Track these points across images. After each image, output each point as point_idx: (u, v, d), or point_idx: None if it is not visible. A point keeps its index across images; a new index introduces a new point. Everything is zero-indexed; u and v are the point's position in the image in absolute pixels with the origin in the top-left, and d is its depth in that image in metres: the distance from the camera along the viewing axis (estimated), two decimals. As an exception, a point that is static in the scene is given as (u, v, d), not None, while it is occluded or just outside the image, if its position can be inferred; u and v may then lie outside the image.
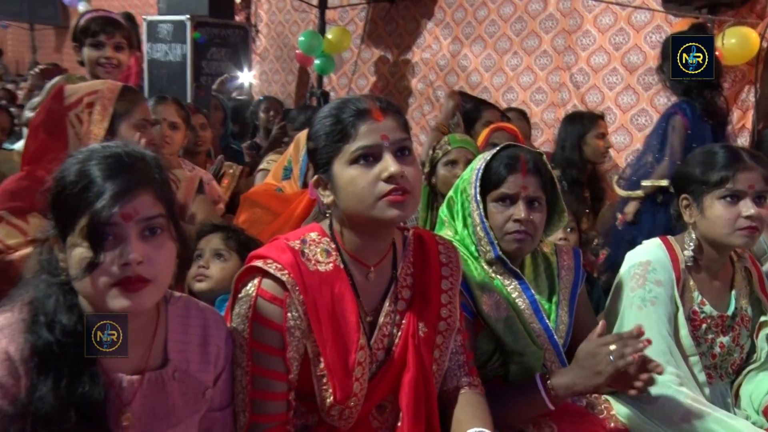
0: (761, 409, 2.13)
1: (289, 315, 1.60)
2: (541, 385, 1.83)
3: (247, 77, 7.00)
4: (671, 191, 2.38)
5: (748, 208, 2.09)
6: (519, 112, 5.11)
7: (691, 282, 2.22)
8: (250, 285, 1.63)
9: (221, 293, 2.28)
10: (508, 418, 1.85)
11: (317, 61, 6.96)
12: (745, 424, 1.98)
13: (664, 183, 3.62)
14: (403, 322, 1.74)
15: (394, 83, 7.02)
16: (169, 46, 6.27)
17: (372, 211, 1.58)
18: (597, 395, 2.07)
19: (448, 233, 2.11)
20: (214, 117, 5.00)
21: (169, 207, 1.42)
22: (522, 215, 1.96)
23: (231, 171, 4.14)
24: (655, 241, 2.28)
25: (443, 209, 2.19)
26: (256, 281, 1.62)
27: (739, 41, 4.45)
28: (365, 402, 1.69)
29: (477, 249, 2.05)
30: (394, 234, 1.78)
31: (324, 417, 1.68)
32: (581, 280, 2.15)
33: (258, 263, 1.63)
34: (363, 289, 1.71)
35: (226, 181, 4.06)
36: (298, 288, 1.60)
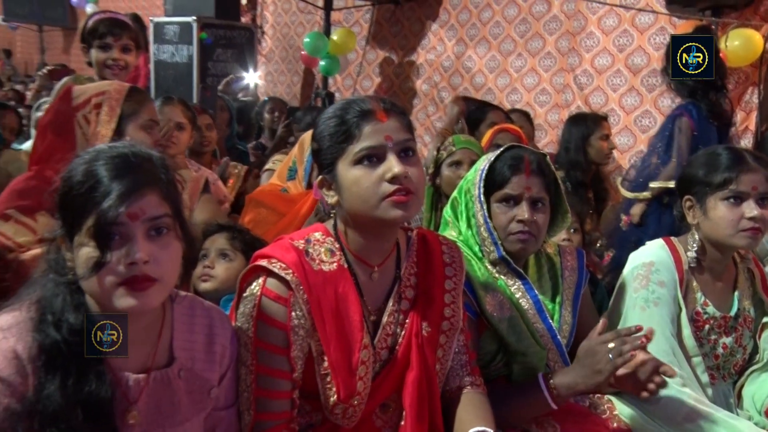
0: (764, 410, 2.13)
1: (294, 314, 1.61)
2: (544, 385, 1.83)
3: (253, 78, 7.01)
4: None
5: (751, 209, 2.10)
6: (522, 113, 5.11)
7: (694, 283, 2.22)
8: (254, 284, 1.63)
9: (226, 293, 2.28)
10: (510, 417, 1.85)
11: (322, 63, 6.97)
12: (748, 424, 1.98)
13: (671, 184, 3.60)
14: (407, 321, 1.75)
15: (398, 84, 7.03)
16: (176, 47, 6.29)
17: (376, 212, 1.59)
18: (600, 395, 2.06)
19: (452, 234, 2.12)
20: (219, 118, 5.01)
21: (176, 207, 1.43)
22: (525, 216, 1.97)
23: (236, 171, 4.16)
24: (659, 242, 2.28)
25: (447, 210, 2.19)
26: (260, 280, 1.63)
27: (743, 43, 4.46)
28: (369, 401, 1.69)
29: (481, 249, 2.05)
30: (397, 234, 1.78)
31: (328, 415, 1.68)
32: (585, 280, 2.16)
33: (262, 263, 1.64)
34: (367, 289, 1.71)
35: (231, 182, 4.07)
36: (302, 287, 1.61)
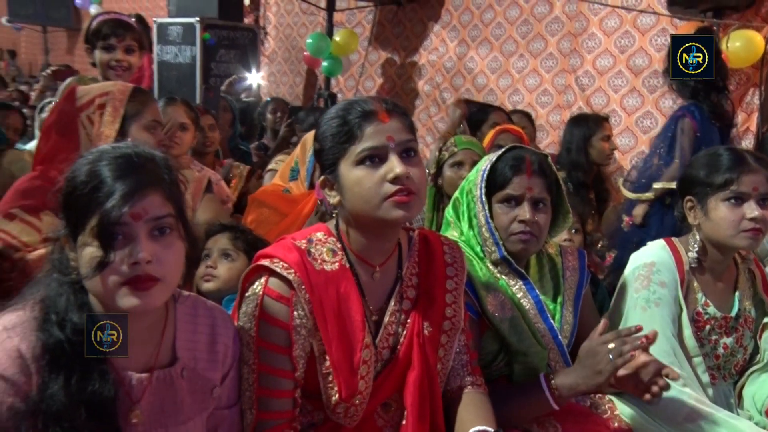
0: (764, 410, 2.14)
1: (296, 313, 1.61)
2: (545, 385, 1.83)
3: (256, 79, 7.01)
4: None
5: (752, 210, 2.10)
6: (524, 114, 5.12)
7: (695, 283, 2.22)
8: (257, 284, 1.64)
9: (228, 293, 2.27)
10: (512, 417, 1.86)
11: (325, 63, 6.98)
12: (748, 424, 1.98)
13: (674, 185, 3.61)
14: (408, 321, 1.75)
15: (400, 85, 7.04)
16: (179, 48, 6.29)
17: (377, 212, 1.59)
18: (601, 395, 2.07)
19: (453, 234, 2.12)
20: (222, 118, 5.00)
21: (178, 207, 1.44)
22: (527, 216, 1.97)
23: (239, 171, 4.17)
24: (660, 243, 2.28)
25: (449, 210, 2.20)
26: (262, 280, 1.63)
27: (744, 44, 4.47)
28: (370, 400, 1.69)
29: (482, 249, 2.06)
30: (399, 234, 1.79)
31: (330, 415, 1.69)
32: (586, 280, 2.16)
33: (265, 262, 1.64)
34: (368, 289, 1.72)
35: (234, 182, 4.08)
36: (304, 287, 1.62)
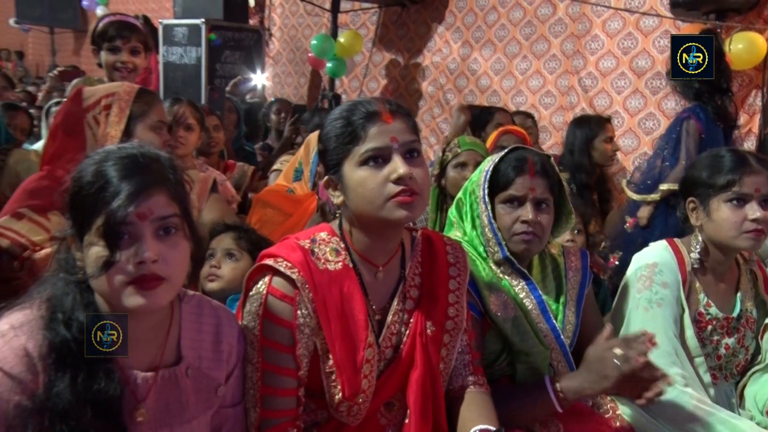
0: (765, 410, 2.14)
1: (299, 312, 1.62)
2: (551, 388, 1.84)
3: (260, 80, 7.03)
4: None
5: (754, 211, 2.10)
6: (527, 115, 5.12)
7: (697, 284, 2.23)
8: (260, 283, 1.65)
9: (232, 293, 2.28)
10: (515, 418, 1.86)
11: (329, 64, 7.00)
12: (749, 424, 1.99)
13: None
14: (411, 320, 1.76)
15: (404, 86, 7.05)
16: (184, 49, 6.32)
17: (381, 212, 1.60)
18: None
19: (457, 234, 2.13)
20: (227, 119, 5.02)
21: (184, 207, 1.44)
22: (530, 216, 1.98)
23: (243, 171, 4.18)
24: (662, 244, 2.29)
25: (452, 210, 2.20)
26: (266, 279, 1.64)
27: (747, 46, 4.48)
28: (373, 399, 1.70)
29: (485, 250, 2.06)
30: (402, 234, 1.79)
31: (333, 413, 1.70)
32: (588, 281, 2.16)
33: (269, 262, 1.65)
34: (372, 288, 1.73)
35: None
36: (307, 286, 1.62)
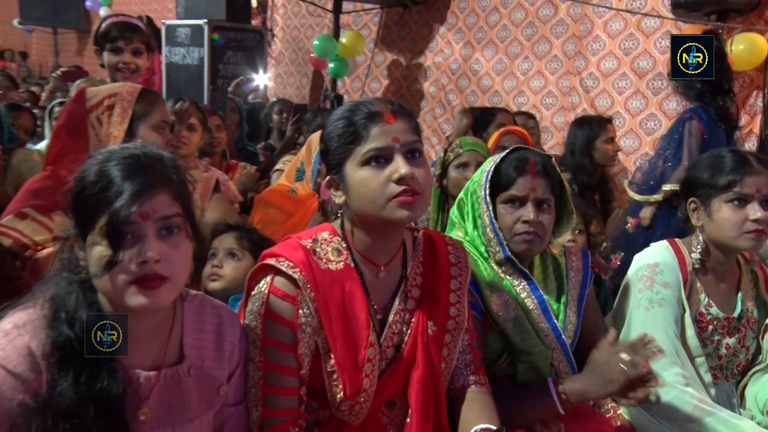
0: (766, 410, 2.14)
1: (301, 312, 1.63)
2: (554, 390, 1.85)
3: (263, 80, 7.04)
4: None
5: (755, 211, 2.11)
6: (528, 115, 5.13)
7: (698, 284, 2.23)
8: (262, 282, 1.65)
9: (234, 292, 2.28)
10: (516, 418, 1.87)
11: (331, 65, 7.00)
12: (750, 424, 1.99)
13: None
14: (413, 320, 1.76)
15: (406, 87, 7.05)
16: (187, 49, 6.32)
17: (382, 212, 1.61)
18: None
19: (458, 234, 2.13)
20: (230, 119, 5.02)
21: (186, 207, 1.45)
22: (531, 216, 1.98)
23: (245, 171, 4.19)
24: (663, 244, 2.29)
25: (454, 210, 2.21)
26: (268, 279, 1.65)
27: (748, 47, 4.48)
28: (375, 398, 1.70)
29: (487, 249, 2.06)
30: (404, 234, 1.80)
31: (334, 412, 1.70)
32: (590, 281, 2.16)
33: (270, 261, 1.65)
34: (373, 288, 1.73)
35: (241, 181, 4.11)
36: (309, 285, 1.63)
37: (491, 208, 2.04)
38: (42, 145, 4.27)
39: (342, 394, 1.64)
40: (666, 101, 5.14)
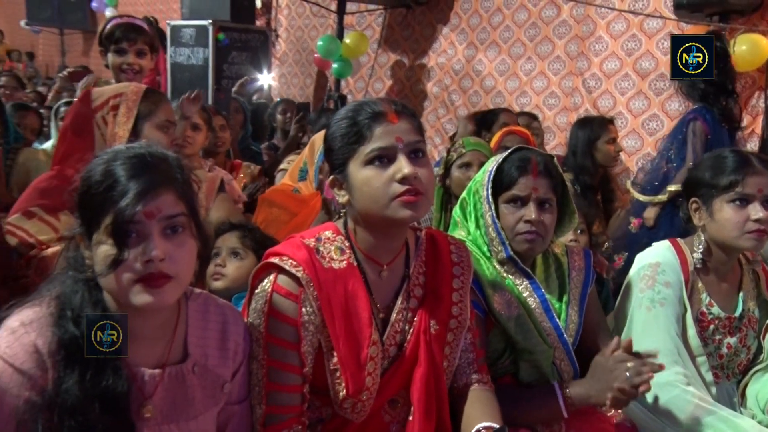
0: (767, 409, 2.15)
1: (304, 310, 1.63)
2: (560, 394, 1.87)
3: (267, 80, 7.05)
4: None
5: (756, 211, 2.11)
6: (531, 116, 5.13)
7: (700, 284, 2.24)
8: (266, 281, 1.66)
9: (237, 291, 2.28)
10: (520, 418, 1.88)
11: (335, 65, 7.00)
12: (751, 423, 2.00)
13: None
14: (415, 319, 1.77)
15: (409, 87, 7.06)
16: (192, 49, 6.34)
17: (386, 211, 1.61)
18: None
19: (461, 233, 2.13)
20: (234, 119, 5.03)
21: (191, 206, 1.45)
22: (533, 216, 1.98)
23: (249, 171, 4.21)
24: (665, 244, 2.30)
25: (456, 210, 2.21)
26: (271, 277, 1.65)
27: (750, 48, 4.48)
28: (377, 396, 1.71)
29: (489, 249, 2.07)
30: (407, 233, 1.80)
31: (337, 410, 1.71)
32: (591, 280, 2.17)
33: (274, 260, 1.66)
34: (376, 287, 1.74)
35: (244, 181, 4.12)
36: (312, 284, 1.63)
37: (493, 207, 2.04)
38: (48, 145, 4.29)
39: (345, 392, 1.65)
40: (668, 102, 5.14)
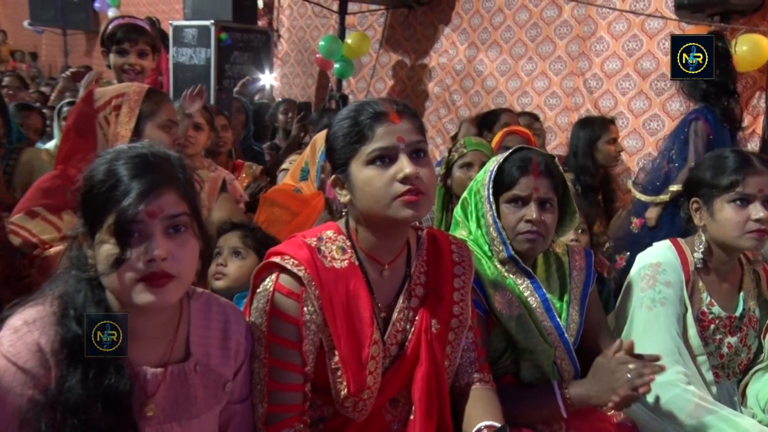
0: (767, 408, 2.15)
1: (305, 309, 1.64)
2: (559, 394, 1.87)
3: (269, 80, 7.06)
4: None
5: (757, 211, 2.11)
6: (532, 116, 5.14)
7: (701, 283, 2.24)
8: (267, 280, 1.67)
9: (238, 291, 2.28)
10: (520, 418, 1.88)
11: (337, 65, 7.01)
12: (752, 422, 2.00)
13: None
14: (416, 318, 1.77)
15: (411, 87, 7.06)
16: (194, 50, 6.36)
17: (387, 211, 1.62)
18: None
19: (462, 233, 2.14)
20: (236, 119, 5.04)
21: (193, 205, 1.46)
22: (534, 216, 1.99)
23: (251, 171, 4.21)
24: (666, 243, 2.30)
25: (458, 210, 2.22)
26: (273, 276, 1.66)
27: (751, 48, 4.48)
28: (379, 395, 1.71)
29: (490, 248, 2.07)
30: (408, 233, 1.81)
31: (339, 409, 1.71)
32: (592, 280, 2.17)
33: (275, 259, 1.67)
34: (377, 286, 1.74)
35: (246, 181, 4.13)
36: (314, 283, 1.64)
37: (494, 207, 2.04)
38: (51, 145, 4.30)
39: (346, 390, 1.65)
40: (669, 102, 5.14)
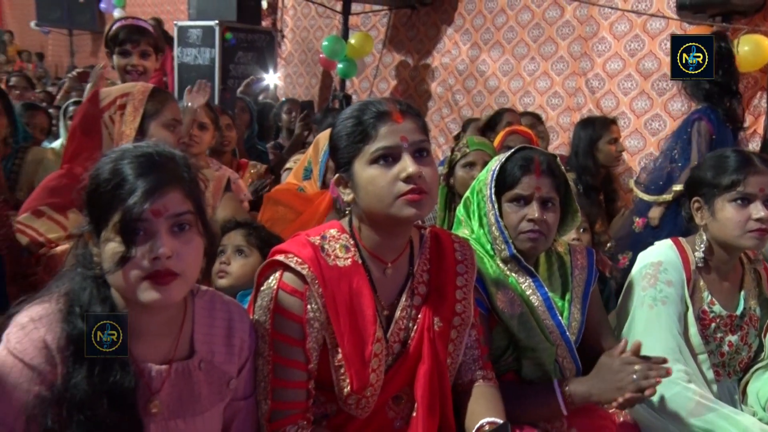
0: (767, 406, 2.16)
1: (309, 307, 1.65)
2: (559, 392, 1.87)
3: (273, 80, 7.07)
4: None
5: (758, 210, 2.12)
6: (534, 116, 5.15)
7: (702, 282, 2.25)
8: (271, 278, 1.68)
9: (242, 289, 2.29)
10: (521, 416, 1.88)
11: (340, 65, 7.02)
12: (752, 420, 2.01)
13: None
14: (419, 316, 1.78)
15: (414, 87, 7.07)
16: (199, 50, 6.37)
17: (390, 210, 1.63)
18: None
19: (464, 232, 2.14)
20: (240, 118, 5.05)
21: (198, 204, 1.46)
22: (536, 215, 1.99)
23: (255, 170, 4.22)
24: (667, 243, 2.30)
25: (460, 209, 2.22)
26: (277, 275, 1.67)
27: (752, 49, 4.48)
28: (381, 393, 1.72)
29: (492, 247, 2.08)
30: (411, 232, 1.82)
31: (342, 406, 1.72)
32: (594, 279, 2.17)
33: (279, 257, 1.68)
34: (380, 284, 1.75)
35: (250, 180, 4.14)
36: (317, 281, 1.65)
37: (497, 206, 2.05)
38: (57, 144, 4.31)
39: (349, 388, 1.66)
40: (671, 102, 5.15)
